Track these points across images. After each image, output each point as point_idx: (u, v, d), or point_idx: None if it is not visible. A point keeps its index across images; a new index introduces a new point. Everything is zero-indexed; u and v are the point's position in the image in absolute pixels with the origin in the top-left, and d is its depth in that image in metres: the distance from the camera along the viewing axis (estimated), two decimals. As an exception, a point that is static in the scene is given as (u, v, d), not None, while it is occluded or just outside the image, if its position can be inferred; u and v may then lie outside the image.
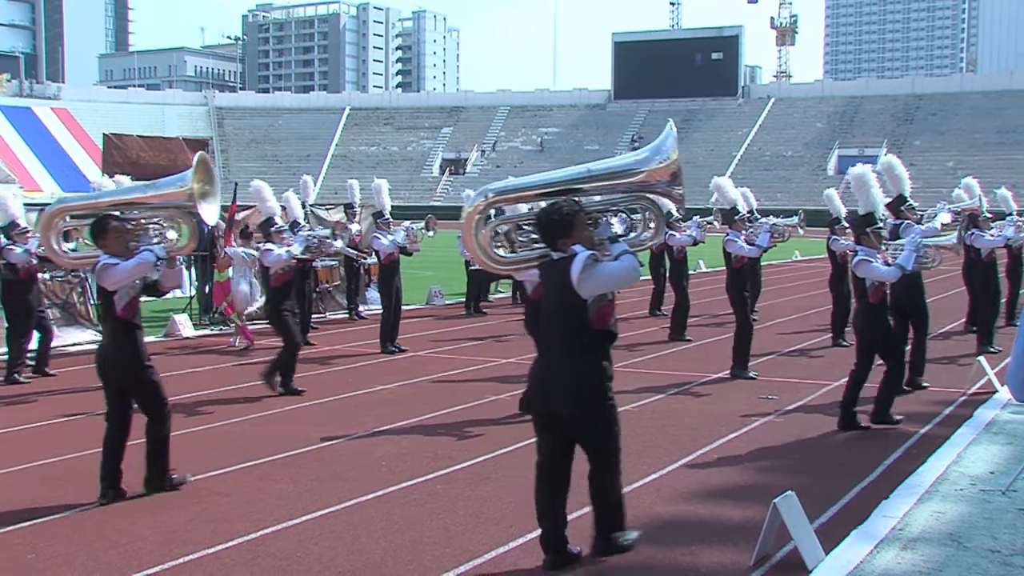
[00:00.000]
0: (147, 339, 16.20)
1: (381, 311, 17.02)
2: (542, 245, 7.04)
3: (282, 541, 7.32)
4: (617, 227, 7.26)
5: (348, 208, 20.77)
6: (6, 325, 15.39)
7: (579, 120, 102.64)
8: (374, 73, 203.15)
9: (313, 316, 19.67)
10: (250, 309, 20.00)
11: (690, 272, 19.30)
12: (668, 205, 10.06)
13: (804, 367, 15.01)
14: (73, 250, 10.16)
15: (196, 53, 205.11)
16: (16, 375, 14.19)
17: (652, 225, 7.62)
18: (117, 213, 8.81)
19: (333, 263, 21.26)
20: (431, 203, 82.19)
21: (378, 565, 6.84)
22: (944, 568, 6.61)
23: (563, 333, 6.80)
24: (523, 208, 8.10)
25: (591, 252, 6.62)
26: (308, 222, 19.36)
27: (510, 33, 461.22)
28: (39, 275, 15.47)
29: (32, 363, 15.08)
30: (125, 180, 18.15)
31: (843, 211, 17.21)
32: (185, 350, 16.23)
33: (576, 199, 7.01)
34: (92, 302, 17.60)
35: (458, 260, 23.15)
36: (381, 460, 9.60)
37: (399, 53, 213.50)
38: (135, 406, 8.58)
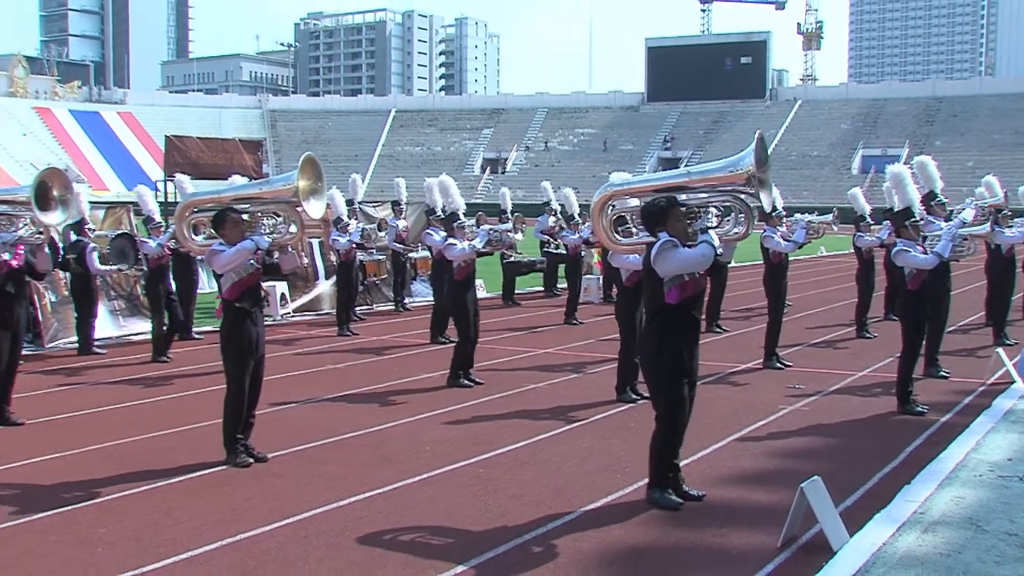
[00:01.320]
0: (206, 328, 16.46)
1: (432, 303, 17.01)
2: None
3: (332, 520, 7.35)
4: (712, 221, 7.82)
5: (395, 205, 20.82)
6: (75, 314, 15.59)
7: (614, 121, 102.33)
8: (418, 77, 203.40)
9: (361, 308, 19.77)
10: (304, 301, 20.17)
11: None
12: (774, 200, 10.35)
13: (830, 358, 14.93)
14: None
15: (251, 59, 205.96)
16: (95, 352, 14.82)
17: (742, 220, 8.23)
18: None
19: (380, 257, 21.31)
20: (472, 200, 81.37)
21: (423, 544, 6.87)
22: (963, 550, 6.58)
23: (646, 303, 7.78)
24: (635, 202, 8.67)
25: (670, 238, 7.45)
26: (356, 218, 19.45)
27: (548, 38, 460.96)
28: (105, 268, 15.65)
29: (100, 350, 15.28)
30: (185, 179, 18.28)
31: (867, 209, 17.23)
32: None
33: (675, 196, 7.78)
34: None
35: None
36: (426, 445, 9.62)
37: (442, 58, 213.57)
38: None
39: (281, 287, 18.96)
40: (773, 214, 14.04)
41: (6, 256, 10.40)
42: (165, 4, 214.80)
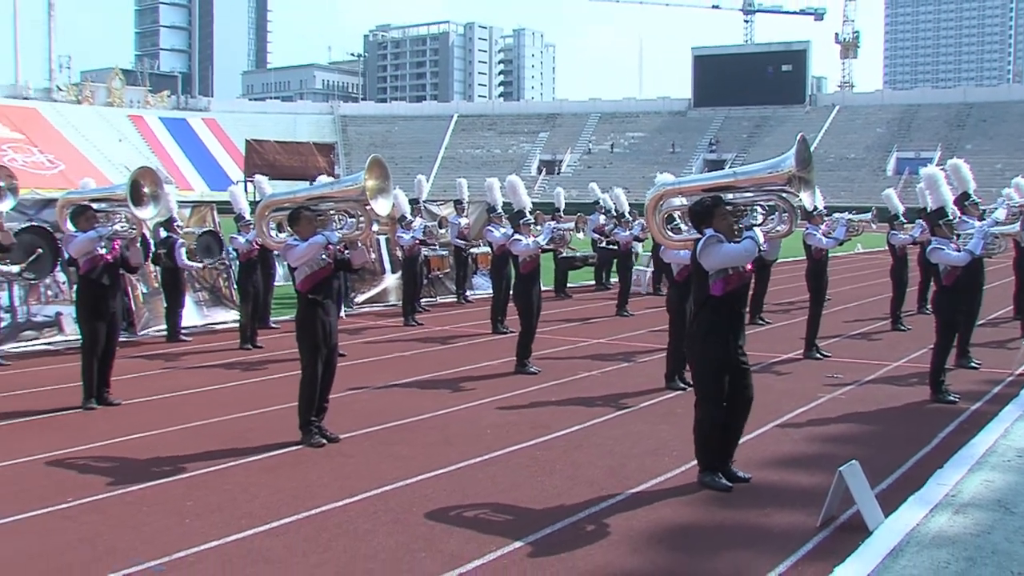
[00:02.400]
0: (284, 317, 16.57)
1: (492, 295, 17.02)
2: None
3: (399, 497, 7.37)
4: (758, 219, 7.96)
5: (457, 204, 20.84)
6: (164, 304, 15.79)
7: (662, 125, 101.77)
8: (479, 84, 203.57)
9: (425, 300, 19.84)
10: (372, 293, 20.27)
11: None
12: (807, 200, 10.32)
13: (866, 349, 14.77)
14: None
15: (324, 68, 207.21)
16: (182, 339, 15.23)
17: (785, 218, 8.29)
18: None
19: (444, 252, 21.36)
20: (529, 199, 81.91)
21: (485, 520, 6.87)
22: (992, 531, 6.51)
23: (693, 295, 7.79)
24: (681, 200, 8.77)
25: (715, 234, 7.46)
26: (420, 216, 19.49)
27: (600, 48, 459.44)
28: (191, 264, 15.85)
29: (186, 338, 15.47)
30: (264, 180, 18.43)
31: (901, 209, 17.09)
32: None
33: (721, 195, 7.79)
34: (235, 287, 17.91)
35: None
36: (487, 428, 9.63)
37: (501, 66, 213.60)
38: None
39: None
40: (815, 213, 13.98)
41: (103, 250, 10.61)
42: (246, 19, 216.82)
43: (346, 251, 9.36)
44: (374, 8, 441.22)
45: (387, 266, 20.84)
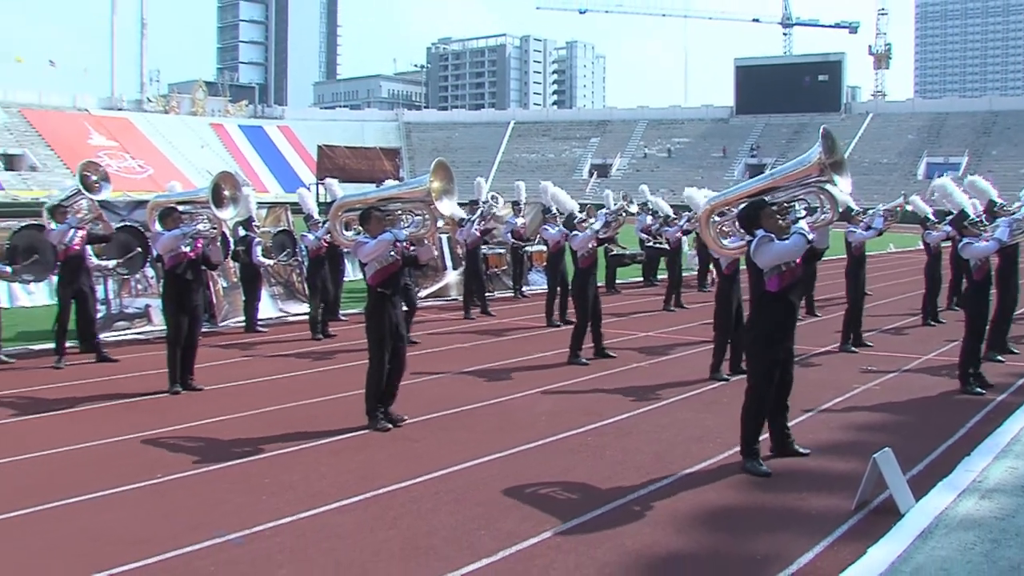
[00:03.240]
0: (352, 311, 16.70)
1: (546, 290, 17.03)
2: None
3: (460, 479, 7.41)
4: (801, 212, 7.95)
5: (515, 204, 20.84)
6: (243, 298, 15.97)
7: (706, 132, 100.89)
8: (534, 93, 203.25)
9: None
10: (434, 288, 20.34)
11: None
12: (846, 199, 10.24)
13: (899, 343, 14.58)
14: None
15: (389, 79, 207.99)
16: (258, 330, 15.55)
17: (827, 209, 8.22)
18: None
19: (501, 250, 21.39)
20: (581, 201, 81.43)
21: (539, 501, 6.88)
22: (1016, 514, 6.47)
23: (750, 291, 7.79)
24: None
25: (765, 233, 7.56)
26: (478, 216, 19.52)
27: (648, 59, 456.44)
28: (267, 261, 16.02)
29: (262, 329, 15.63)
30: (334, 182, 18.58)
31: (929, 210, 17.11)
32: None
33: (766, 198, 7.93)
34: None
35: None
36: (541, 415, 9.63)
37: (555, 76, 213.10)
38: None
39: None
40: (852, 213, 13.90)
41: (186, 248, 10.78)
42: (317, 34, 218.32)
43: (413, 248, 9.42)
44: (436, 22, 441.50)
45: (448, 263, 20.92)
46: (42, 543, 6.04)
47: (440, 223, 9.78)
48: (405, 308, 11.67)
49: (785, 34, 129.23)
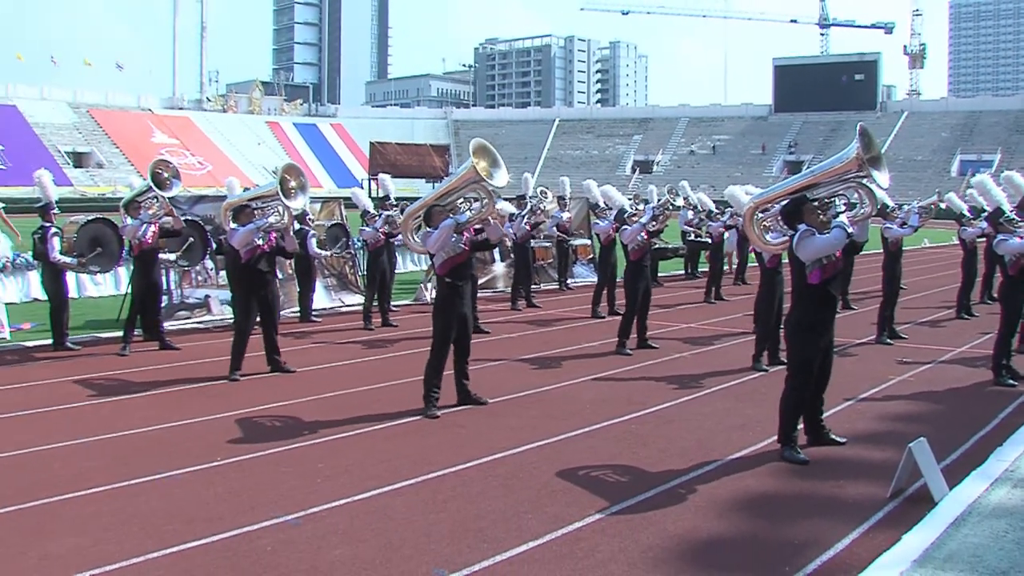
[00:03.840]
0: (402, 302, 16.79)
1: (591, 282, 17.04)
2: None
3: (508, 465, 7.43)
4: (841, 207, 8.02)
5: (560, 199, 20.81)
6: (298, 289, 16.10)
7: (746, 129, 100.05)
8: (578, 91, 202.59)
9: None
10: (482, 280, 20.33)
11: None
12: (882, 196, 10.17)
13: (933, 335, 14.41)
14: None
15: (438, 78, 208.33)
16: (312, 320, 15.70)
17: (866, 203, 8.34)
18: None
19: (547, 244, 21.38)
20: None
21: (584, 486, 6.89)
22: (1049, 503, 6.40)
23: (792, 283, 7.78)
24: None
25: (807, 228, 7.56)
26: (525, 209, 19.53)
27: (689, 58, 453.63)
28: (321, 252, 16.15)
29: (316, 319, 15.76)
30: (387, 178, 18.66)
31: (964, 207, 16.94)
32: (424, 313, 16.53)
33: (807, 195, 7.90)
34: (360, 273, 18.20)
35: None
36: (586, 403, 9.63)
37: (598, 75, 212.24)
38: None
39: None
40: (888, 210, 13.78)
41: (260, 241, 10.94)
42: (369, 35, 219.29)
43: (480, 234, 9.55)
44: (483, 23, 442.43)
45: (496, 255, 20.93)
46: (114, 519, 6.15)
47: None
48: None
49: (822, 34, 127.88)
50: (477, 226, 9.57)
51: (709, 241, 20.48)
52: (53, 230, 12.81)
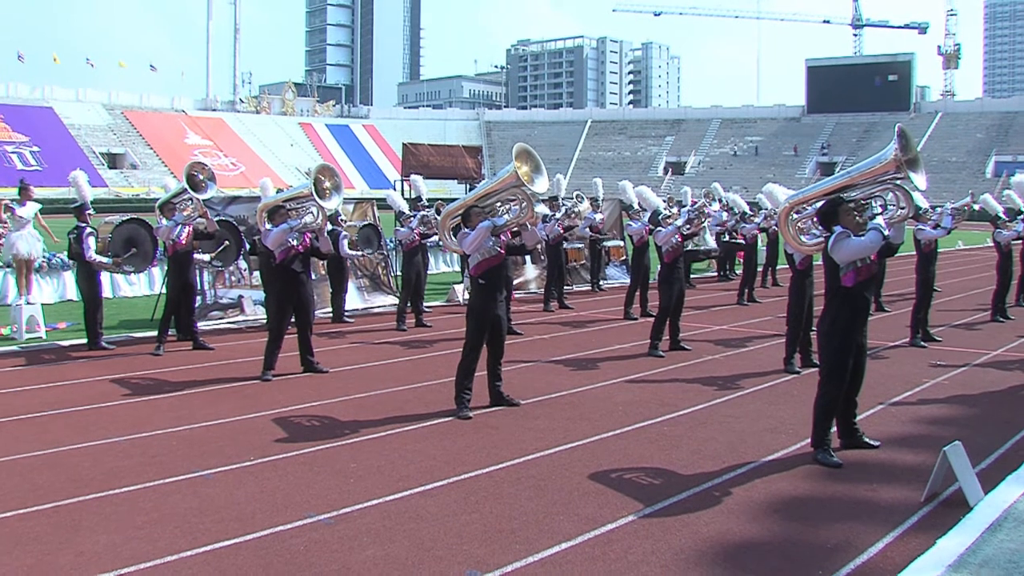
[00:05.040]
0: (434, 303, 16.83)
1: (624, 284, 17.01)
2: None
3: (540, 466, 7.42)
4: (877, 209, 8.01)
5: (593, 201, 20.79)
6: (330, 289, 16.17)
7: (778, 130, 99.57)
8: (610, 92, 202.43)
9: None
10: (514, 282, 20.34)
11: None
12: (918, 198, 10.11)
13: (967, 338, 14.27)
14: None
15: (470, 79, 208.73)
16: (345, 320, 15.79)
17: (903, 205, 8.30)
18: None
19: (579, 245, 21.36)
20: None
21: (617, 488, 6.87)
22: (1086, 508, 6.32)
23: (826, 285, 7.71)
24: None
25: (843, 230, 7.52)
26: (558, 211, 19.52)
27: (721, 59, 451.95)
28: (353, 253, 16.21)
29: (349, 319, 15.82)
30: (419, 179, 18.72)
31: (1000, 208, 16.83)
32: (457, 314, 16.55)
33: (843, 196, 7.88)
34: (393, 274, 18.27)
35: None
36: (619, 405, 9.62)
37: (631, 76, 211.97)
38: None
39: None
40: (921, 212, 13.69)
41: (294, 242, 11.01)
42: (401, 37, 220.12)
43: (517, 237, 9.59)
44: (515, 25, 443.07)
45: (528, 257, 20.94)
46: (147, 518, 6.21)
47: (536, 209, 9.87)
48: None
49: (855, 35, 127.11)
50: (514, 229, 9.60)
51: (743, 242, 20.40)
52: (88, 230, 12.95)
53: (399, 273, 16.41)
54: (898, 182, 7.90)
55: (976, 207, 18.16)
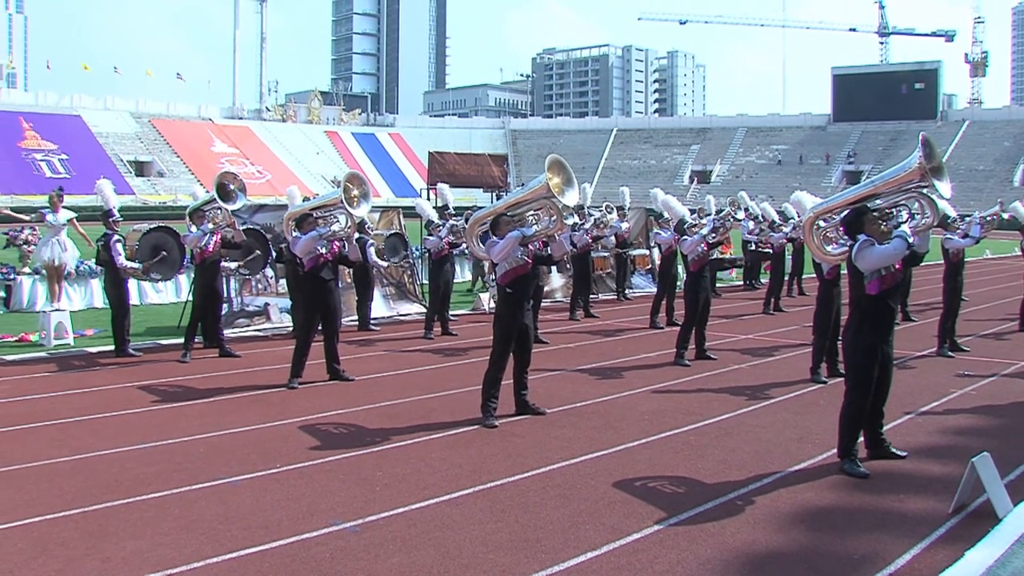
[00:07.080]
0: (460, 311, 16.84)
1: (650, 293, 17.00)
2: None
3: (565, 475, 7.42)
4: (903, 217, 7.97)
5: (619, 209, 20.78)
6: (356, 298, 16.23)
7: (804, 139, 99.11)
8: (636, 101, 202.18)
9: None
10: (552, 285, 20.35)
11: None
12: (944, 207, 10.06)
13: (995, 348, 14.18)
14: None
15: (496, 88, 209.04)
16: (371, 328, 15.81)
17: (928, 213, 8.25)
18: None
19: (605, 254, 21.35)
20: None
21: (643, 498, 6.86)
22: (1115, 521, 6.25)
23: (851, 293, 7.73)
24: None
25: (867, 238, 7.51)
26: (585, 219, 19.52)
27: (747, 67, 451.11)
28: (380, 262, 16.28)
29: (375, 327, 15.86)
30: (445, 187, 18.78)
31: None
32: (483, 323, 16.57)
33: (868, 205, 7.88)
34: (419, 282, 18.33)
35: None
36: (644, 414, 9.60)
37: (656, 84, 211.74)
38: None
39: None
40: (949, 221, 13.64)
41: (322, 249, 11.08)
42: (427, 46, 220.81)
43: (546, 248, 9.61)
44: (541, 33, 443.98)
45: (555, 266, 20.94)
46: (173, 524, 6.26)
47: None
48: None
49: (882, 43, 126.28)
50: (543, 240, 9.61)
51: (770, 251, 20.33)
52: (116, 237, 13.08)
53: (425, 281, 16.45)
54: (923, 191, 7.87)
55: (1005, 215, 18.02)
